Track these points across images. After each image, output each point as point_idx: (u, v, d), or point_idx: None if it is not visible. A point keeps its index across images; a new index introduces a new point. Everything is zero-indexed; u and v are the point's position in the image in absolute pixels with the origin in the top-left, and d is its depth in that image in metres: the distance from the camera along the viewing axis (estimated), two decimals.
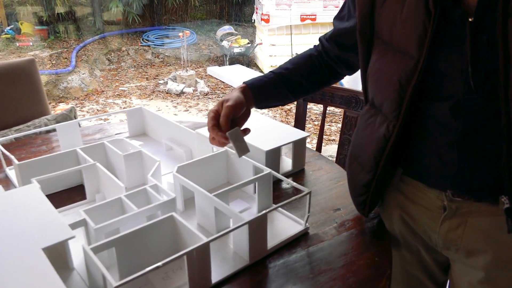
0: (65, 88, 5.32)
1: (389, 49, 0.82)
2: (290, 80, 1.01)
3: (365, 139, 0.91)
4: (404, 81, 0.78)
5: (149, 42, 6.98)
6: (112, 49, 6.71)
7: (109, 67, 6.33)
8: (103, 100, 5.27)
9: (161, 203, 0.88)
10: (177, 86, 5.45)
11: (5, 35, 6.55)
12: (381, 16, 0.82)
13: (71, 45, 6.60)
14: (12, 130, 1.46)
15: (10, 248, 0.72)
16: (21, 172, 1.05)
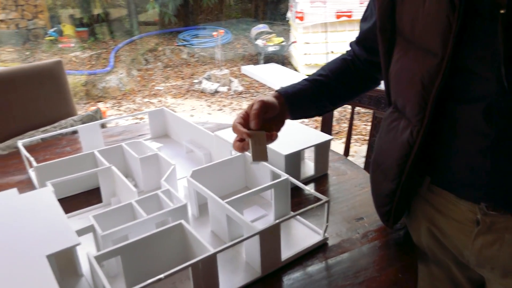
0: (103, 88, 5.46)
1: (411, 47, 0.75)
2: (327, 87, 0.94)
3: (388, 145, 0.84)
4: (427, 81, 0.71)
5: (185, 41, 7.06)
6: (149, 49, 6.84)
7: (146, 67, 6.45)
8: (140, 99, 5.36)
9: (171, 209, 0.85)
10: (211, 85, 5.47)
11: (48, 37, 6.81)
12: (402, 11, 0.75)
13: (110, 46, 6.77)
14: (39, 131, 1.48)
15: (14, 254, 0.71)
16: (39, 175, 1.05)
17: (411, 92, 0.75)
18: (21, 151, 1.14)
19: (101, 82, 5.51)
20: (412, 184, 0.85)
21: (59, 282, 0.79)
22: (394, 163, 0.81)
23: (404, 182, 0.82)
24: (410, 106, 0.76)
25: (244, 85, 5.66)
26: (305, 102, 0.93)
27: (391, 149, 0.83)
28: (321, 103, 0.95)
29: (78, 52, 6.46)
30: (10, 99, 1.53)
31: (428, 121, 0.74)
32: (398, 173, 0.81)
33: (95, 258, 0.72)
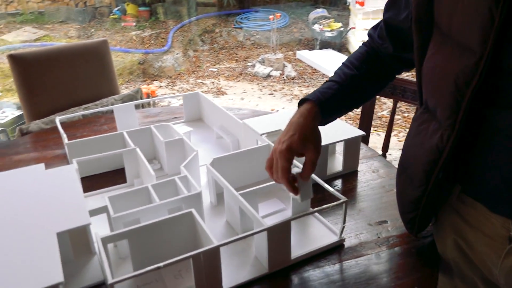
0: (159, 67, 5.60)
1: (447, 42, 0.67)
2: (356, 88, 0.88)
3: (416, 148, 0.77)
4: (461, 82, 0.64)
5: (242, 24, 7.04)
6: (206, 31, 6.90)
7: (202, 48, 6.52)
8: (193, 80, 5.45)
9: (184, 197, 0.85)
10: (264, 69, 5.43)
11: (112, 15, 7.06)
12: (440, 1, 0.68)
13: (169, 26, 6.91)
14: (81, 108, 1.53)
15: (26, 228, 0.74)
16: (70, 151, 1.09)
17: (443, 92, 0.68)
18: (58, 127, 1.18)
19: (157, 61, 5.65)
20: (440, 192, 0.78)
21: (71, 258, 0.82)
22: (420, 169, 0.75)
23: (430, 189, 0.75)
24: (441, 108, 0.69)
25: (298, 71, 5.57)
26: (337, 109, 0.87)
27: (418, 153, 0.76)
28: (349, 107, 0.90)
29: (139, 31, 6.65)
30: (56, 76, 1.60)
31: (460, 126, 0.67)
32: (425, 180, 0.75)
33: (101, 239, 0.73)
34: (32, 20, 6.85)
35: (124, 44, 6.28)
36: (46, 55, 1.58)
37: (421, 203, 0.78)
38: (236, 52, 6.44)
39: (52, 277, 0.63)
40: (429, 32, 0.72)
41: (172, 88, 5.16)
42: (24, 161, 1.21)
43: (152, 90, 3.41)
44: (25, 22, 6.78)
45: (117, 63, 5.63)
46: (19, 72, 1.55)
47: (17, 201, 0.81)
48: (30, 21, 6.84)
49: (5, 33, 6.37)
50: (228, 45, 6.66)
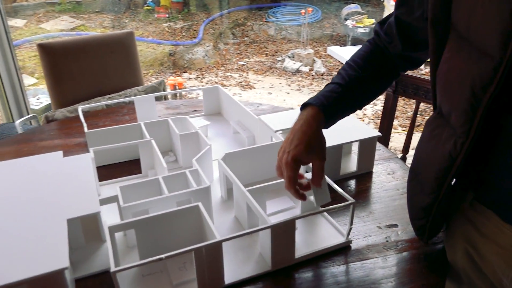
0: (189, 59, 5.66)
1: (465, 45, 0.64)
2: (360, 89, 0.85)
3: (428, 155, 0.75)
4: (478, 88, 0.61)
5: (273, 18, 7.01)
6: (237, 24, 6.91)
7: (232, 41, 6.54)
8: (222, 73, 5.48)
9: (192, 190, 0.86)
10: (293, 64, 5.40)
11: (146, 6, 7.17)
12: (459, 2, 0.65)
13: (201, 18, 6.96)
14: (105, 98, 1.57)
15: (38, 213, 0.77)
16: (89, 140, 1.12)
17: (458, 98, 0.65)
18: (80, 116, 1.22)
19: (188, 53, 5.71)
20: (452, 200, 0.76)
21: (83, 244, 0.85)
22: (432, 176, 0.73)
23: (442, 197, 0.73)
24: (456, 114, 0.67)
25: (328, 67, 5.51)
26: (341, 112, 0.85)
27: (431, 159, 0.74)
28: (352, 109, 0.87)
29: (171, 22, 6.73)
30: (83, 65, 1.64)
31: (475, 134, 0.64)
32: (436, 188, 0.73)
33: (109, 228, 0.75)
34: (70, 10, 7.04)
35: (156, 35, 6.37)
36: (73, 45, 1.62)
37: (432, 210, 0.76)
38: (266, 46, 6.43)
39: (58, 262, 0.65)
40: (446, 34, 0.69)
41: (201, 80, 5.21)
42: (47, 148, 1.25)
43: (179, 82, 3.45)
44: (63, 11, 6.98)
45: (148, 54, 5.72)
46: (47, 61, 1.60)
47: (32, 186, 0.84)
48: (68, 10, 7.04)
49: (44, 21, 6.58)
50: (259, 39, 6.65)
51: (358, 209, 0.95)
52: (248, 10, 7.37)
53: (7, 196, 0.82)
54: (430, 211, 0.76)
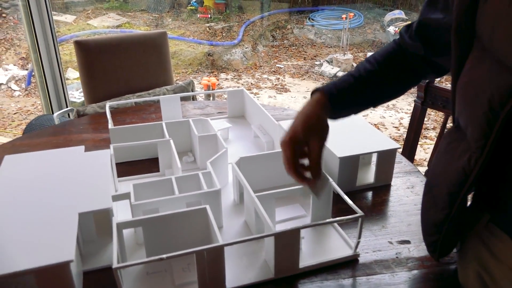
0: (228, 60, 5.72)
1: (487, 57, 0.62)
2: (373, 84, 0.85)
3: (443, 168, 0.73)
4: (496, 102, 0.59)
5: (314, 22, 6.97)
6: (278, 26, 6.92)
7: (272, 44, 6.56)
8: (259, 75, 5.50)
9: (202, 192, 0.86)
10: (331, 69, 5.35)
11: (190, 6, 7.31)
12: (484, 13, 0.62)
13: (242, 19, 7.02)
14: (135, 95, 1.61)
15: (52, 206, 0.80)
16: (113, 136, 1.15)
17: (476, 111, 0.63)
18: (106, 112, 1.25)
19: (226, 54, 5.77)
20: (465, 219, 0.73)
21: (95, 238, 0.88)
22: (445, 191, 0.70)
23: (454, 214, 0.70)
24: (472, 128, 0.64)
25: None
26: (349, 103, 0.84)
27: (445, 173, 0.71)
28: (364, 103, 0.86)
29: (213, 23, 6.83)
30: (115, 63, 1.69)
31: (490, 150, 0.62)
32: (449, 203, 0.70)
33: (117, 224, 0.77)
34: (117, 7, 7.29)
35: (197, 35, 6.48)
36: (108, 43, 1.68)
37: (443, 227, 0.73)
38: (306, 50, 6.40)
39: (64, 255, 0.68)
40: (470, 44, 0.66)
41: (237, 81, 5.25)
42: (74, 141, 1.30)
43: (213, 83, 3.49)
44: (111, 8, 7.23)
45: (188, 53, 5.83)
46: (82, 57, 1.67)
47: (50, 179, 0.88)
48: (115, 8, 7.28)
49: (92, 18, 6.84)
50: (298, 42, 6.64)
51: (371, 222, 0.93)
52: (290, 13, 7.36)
53: (25, 187, 0.85)
54: (441, 227, 0.73)
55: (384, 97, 0.88)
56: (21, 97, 4.77)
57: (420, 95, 1.37)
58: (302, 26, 6.90)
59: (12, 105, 4.61)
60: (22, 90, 4.90)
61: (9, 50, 5.64)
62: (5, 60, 5.54)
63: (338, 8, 7.38)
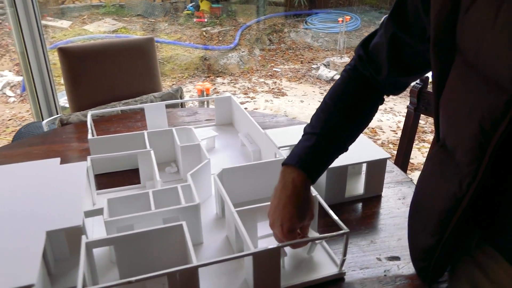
0: (224, 64, 5.68)
1: (473, 74, 0.57)
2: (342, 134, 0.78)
3: (431, 192, 0.68)
4: (488, 124, 0.54)
5: (311, 25, 6.94)
6: (275, 30, 6.90)
7: (268, 47, 6.52)
8: (256, 78, 5.46)
9: (181, 207, 0.82)
10: (328, 73, 5.31)
11: (186, 11, 7.28)
12: (465, 25, 0.56)
13: (239, 23, 6.99)
14: (121, 103, 1.57)
15: (18, 224, 0.75)
16: (92, 147, 1.11)
17: (465, 133, 0.58)
18: (87, 122, 1.21)
19: (223, 58, 5.74)
20: (457, 241, 0.69)
21: (67, 256, 0.83)
22: (435, 217, 0.66)
23: (446, 240, 0.66)
24: (462, 151, 0.59)
25: None
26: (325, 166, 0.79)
27: (434, 198, 0.67)
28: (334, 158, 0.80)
29: (209, 27, 6.80)
30: (101, 70, 1.65)
31: (483, 175, 0.57)
32: (440, 229, 0.66)
33: (86, 244, 0.72)
34: (113, 12, 7.26)
35: (194, 39, 6.45)
36: (92, 49, 1.64)
37: (435, 253, 0.69)
38: (303, 53, 6.37)
39: (25, 279, 0.63)
40: (451, 59, 0.61)
41: (234, 85, 5.21)
42: (55, 152, 1.26)
43: (206, 88, 3.45)
44: (107, 14, 7.20)
45: (184, 58, 5.80)
46: (66, 64, 1.62)
47: (19, 194, 0.83)
48: (111, 13, 7.25)
49: (88, 23, 6.81)
50: (295, 45, 6.61)
51: (359, 237, 0.89)
52: (287, 17, 7.34)
53: None
54: (433, 253, 0.69)
55: (355, 135, 0.81)
56: (16, 103, 4.73)
57: (413, 101, 1.33)
58: (298, 29, 6.88)
59: (7, 111, 4.57)
60: (17, 96, 4.86)
61: (4, 56, 5.61)
62: (0, 66, 5.51)
63: (335, 11, 7.35)
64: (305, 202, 0.73)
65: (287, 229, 0.71)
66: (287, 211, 0.72)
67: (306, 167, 0.74)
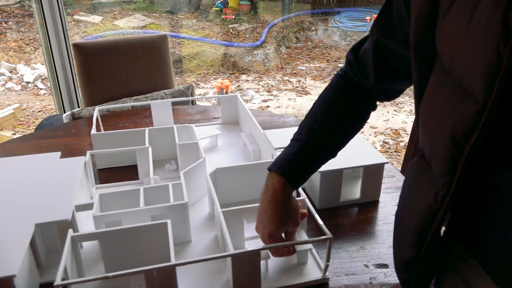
0: (249, 61, 5.69)
1: (448, 81, 0.54)
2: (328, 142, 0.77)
3: (410, 202, 0.66)
4: (460, 135, 0.51)
5: (339, 23, 6.85)
6: (302, 28, 6.84)
7: (295, 45, 6.48)
8: (280, 76, 5.44)
9: (169, 205, 0.83)
10: None
11: (215, 7, 7.32)
12: (443, 29, 0.54)
13: (267, 21, 6.97)
14: (132, 99, 1.60)
15: (9, 215, 0.78)
16: (94, 142, 1.13)
17: (439, 144, 0.56)
18: (93, 117, 1.23)
19: (248, 55, 5.75)
20: (438, 256, 0.66)
21: (58, 248, 0.85)
22: (413, 229, 0.63)
23: (425, 253, 0.63)
24: (437, 162, 0.57)
25: None
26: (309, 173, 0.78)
27: (412, 209, 0.64)
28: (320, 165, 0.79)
29: (236, 24, 6.81)
30: (114, 66, 1.68)
31: (456, 187, 0.54)
32: (417, 242, 0.63)
33: (72, 237, 0.74)
34: (143, 8, 7.38)
35: (221, 36, 6.48)
36: (106, 46, 1.67)
37: (415, 265, 0.66)
38: (329, 51, 6.30)
39: (8, 269, 0.66)
40: (431, 64, 0.59)
41: (258, 83, 5.21)
42: (63, 145, 1.29)
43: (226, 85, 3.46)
44: (137, 9, 7.33)
45: (210, 54, 5.84)
46: (80, 60, 1.66)
47: (15, 187, 0.86)
48: (141, 9, 7.38)
49: (118, 19, 6.95)
50: (322, 44, 6.54)
51: (349, 242, 0.87)
52: (315, 15, 7.27)
53: None
54: (413, 266, 0.66)
55: (342, 144, 0.79)
56: (46, 96, 4.89)
57: None
58: (326, 27, 6.80)
59: (37, 103, 4.73)
60: (47, 88, 5.02)
61: (38, 49, 5.81)
62: (33, 59, 5.70)
63: (364, 9, 7.22)
64: (284, 208, 0.72)
65: (267, 234, 0.71)
66: (266, 216, 0.72)
67: (287, 173, 0.73)
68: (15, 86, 5.07)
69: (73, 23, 6.52)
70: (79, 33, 6.34)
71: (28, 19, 6.33)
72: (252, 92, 4.82)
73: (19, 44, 5.85)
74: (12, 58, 5.65)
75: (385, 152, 3.48)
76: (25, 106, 4.59)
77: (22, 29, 6.13)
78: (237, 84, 5.16)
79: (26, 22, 6.28)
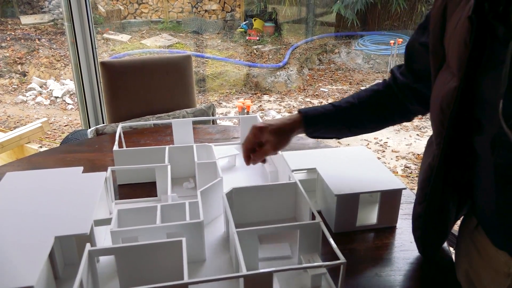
0: (272, 82, 5.74)
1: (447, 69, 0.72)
2: (350, 115, 0.94)
3: (422, 166, 0.81)
4: (445, 105, 0.69)
5: (363, 46, 6.86)
6: (325, 50, 6.88)
7: (318, 67, 6.52)
8: (302, 98, 5.47)
9: (184, 223, 0.84)
10: None
11: (240, 29, 7.46)
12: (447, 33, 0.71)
13: (290, 42, 7.05)
14: (155, 117, 1.63)
15: (31, 227, 0.80)
16: (116, 158, 1.16)
17: (434, 114, 0.74)
18: (116, 134, 1.27)
19: (271, 76, 5.80)
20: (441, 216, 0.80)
21: (76, 261, 0.87)
22: (420, 185, 0.80)
23: (427, 207, 0.78)
24: (434, 129, 0.75)
25: None
26: (324, 127, 0.94)
27: (422, 170, 0.80)
28: (339, 130, 0.96)
29: (260, 45, 6.91)
30: (138, 85, 1.73)
31: (444, 147, 0.71)
32: (422, 198, 0.79)
33: (88, 251, 0.75)
34: (170, 28, 7.58)
35: (245, 56, 6.58)
36: (132, 65, 1.72)
37: (421, 220, 0.81)
38: (352, 74, 6.30)
39: (26, 280, 0.67)
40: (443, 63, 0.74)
41: (280, 104, 5.24)
42: (86, 160, 1.32)
43: (247, 105, 3.49)
44: (164, 29, 7.53)
45: (233, 74, 5.92)
46: (107, 78, 1.72)
47: (37, 199, 0.89)
48: (168, 29, 7.58)
49: (146, 38, 7.15)
50: (345, 66, 6.55)
51: (363, 269, 0.86)
52: (338, 37, 7.31)
53: (9, 207, 0.87)
54: (420, 221, 0.81)
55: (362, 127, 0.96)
56: (73, 110, 5.03)
57: None
58: (349, 50, 6.82)
59: (64, 117, 4.87)
60: (74, 104, 5.17)
61: (68, 66, 6.01)
62: (63, 75, 5.90)
63: (388, 33, 7.23)
64: (285, 130, 0.92)
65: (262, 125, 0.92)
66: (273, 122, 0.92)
67: (306, 115, 0.92)
68: (44, 100, 5.25)
69: (103, 41, 6.73)
70: (107, 50, 6.54)
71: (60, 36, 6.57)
72: (274, 112, 4.85)
73: (50, 61, 6.07)
74: (43, 73, 5.86)
75: (406, 176, 3.43)
76: (52, 120, 4.73)
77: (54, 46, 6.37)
78: (259, 104, 5.20)
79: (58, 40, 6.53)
